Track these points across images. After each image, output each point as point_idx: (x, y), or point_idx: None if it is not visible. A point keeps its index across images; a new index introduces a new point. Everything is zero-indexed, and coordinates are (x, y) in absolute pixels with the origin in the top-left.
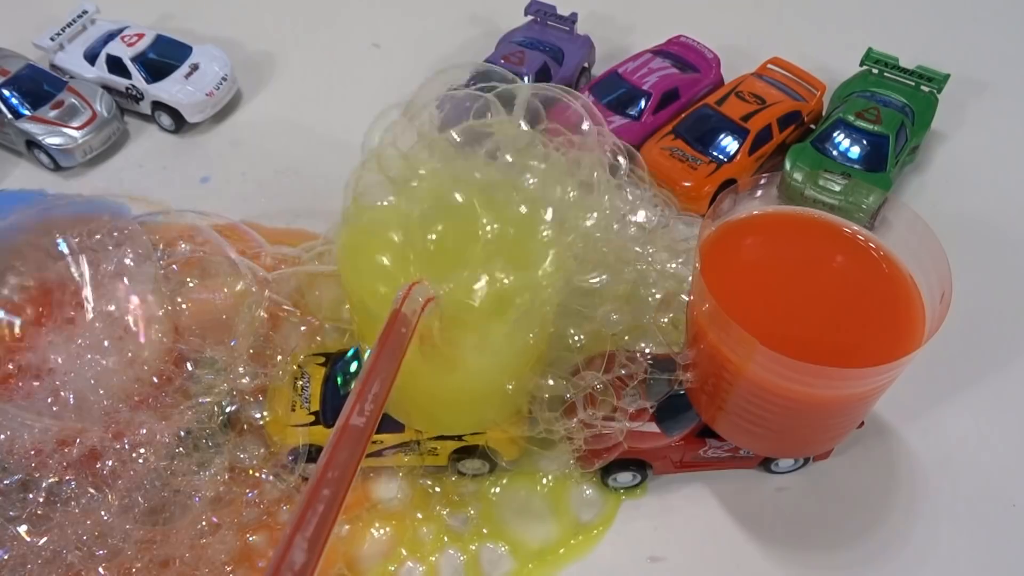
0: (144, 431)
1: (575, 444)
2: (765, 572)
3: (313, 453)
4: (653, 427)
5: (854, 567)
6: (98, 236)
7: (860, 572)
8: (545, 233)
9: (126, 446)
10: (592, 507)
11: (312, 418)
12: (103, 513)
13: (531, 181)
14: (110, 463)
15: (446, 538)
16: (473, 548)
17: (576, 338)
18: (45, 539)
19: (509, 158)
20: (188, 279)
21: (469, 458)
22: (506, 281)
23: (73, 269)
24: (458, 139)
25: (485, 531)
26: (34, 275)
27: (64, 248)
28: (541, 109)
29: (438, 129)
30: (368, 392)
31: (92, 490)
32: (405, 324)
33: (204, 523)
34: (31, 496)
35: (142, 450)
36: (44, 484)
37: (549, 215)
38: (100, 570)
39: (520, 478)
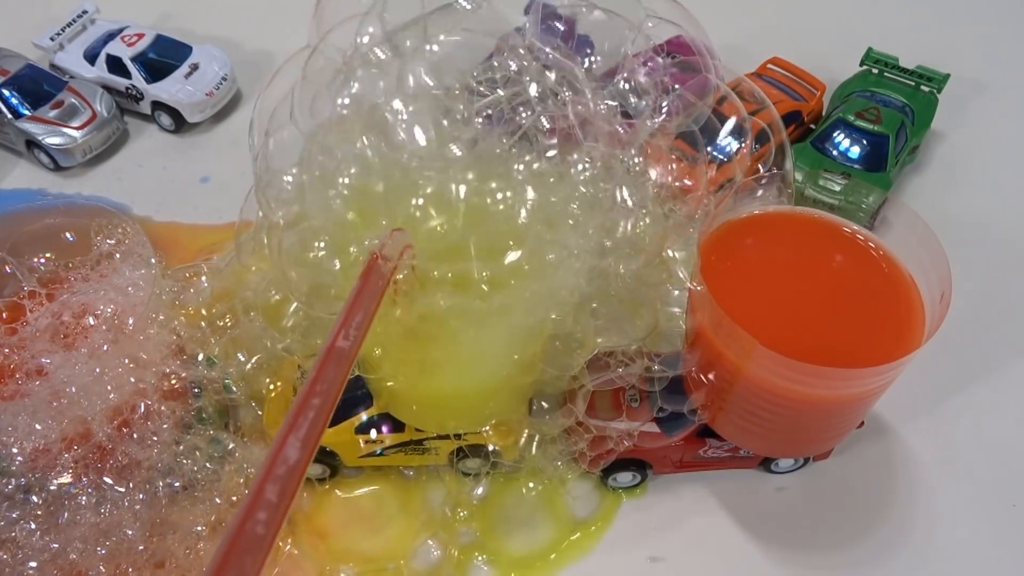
0: (144, 429)
1: (576, 447)
2: (765, 572)
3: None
4: (653, 427)
5: (854, 567)
6: (98, 235)
7: (860, 572)
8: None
9: (126, 444)
10: (591, 507)
11: None
12: (103, 507)
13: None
14: (110, 460)
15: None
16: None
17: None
18: (48, 537)
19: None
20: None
21: (469, 458)
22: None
23: (72, 269)
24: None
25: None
26: (34, 275)
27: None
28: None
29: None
30: (352, 321)
31: (92, 489)
32: (385, 261)
33: (202, 527)
34: (32, 497)
35: (143, 444)
36: (47, 482)
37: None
38: (100, 568)
39: (518, 478)
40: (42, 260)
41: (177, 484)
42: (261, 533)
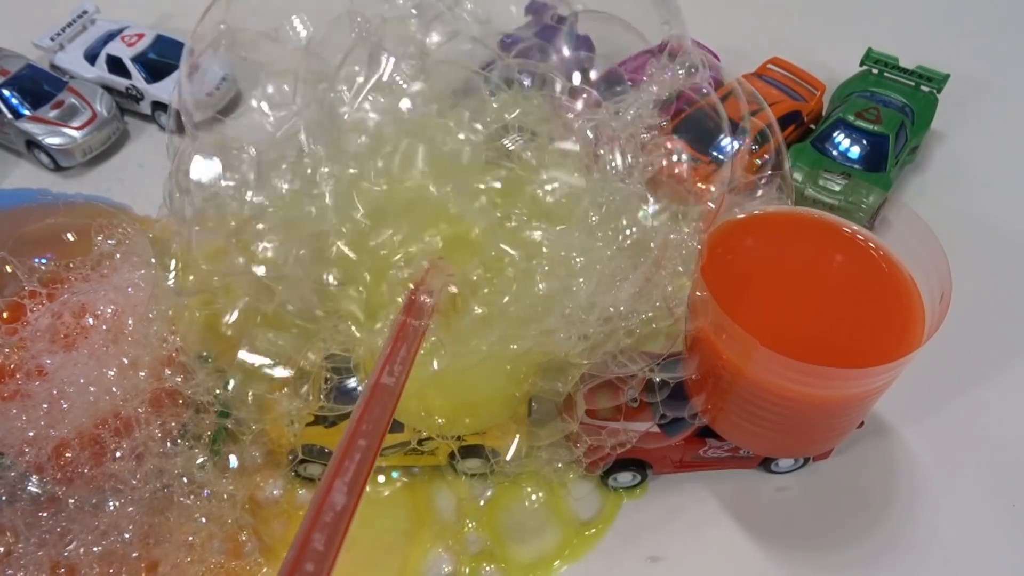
0: (142, 432)
1: (576, 453)
2: (765, 572)
3: (313, 453)
4: (654, 427)
5: (854, 567)
6: (99, 235)
7: (860, 572)
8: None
9: (123, 446)
10: (593, 508)
11: (311, 419)
12: (101, 507)
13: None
14: (107, 462)
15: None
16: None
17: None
18: (44, 534)
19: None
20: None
21: (469, 458)
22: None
23: (73, 269)
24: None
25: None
26: (35, 275)
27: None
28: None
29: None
30: (396, 355)
31: (89, 489)
32: (428, 294)
33: (193, 538)
34: (29, 493)
35: (139, 448)
36: (45, 481)
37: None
38: (95, 567)
39: (520, 483)
40: (42, 260)
41: (169, 489)
42: None
